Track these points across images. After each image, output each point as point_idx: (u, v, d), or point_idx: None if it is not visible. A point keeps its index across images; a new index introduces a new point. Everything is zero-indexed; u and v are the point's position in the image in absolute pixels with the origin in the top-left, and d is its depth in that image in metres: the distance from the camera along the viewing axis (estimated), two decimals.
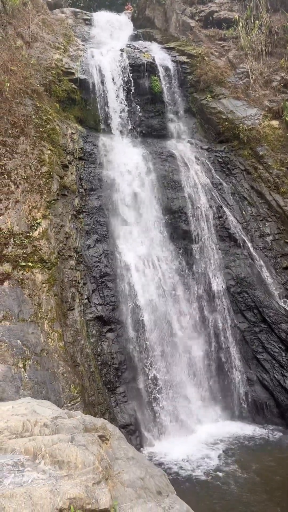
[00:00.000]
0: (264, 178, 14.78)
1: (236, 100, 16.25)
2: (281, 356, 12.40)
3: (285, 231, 14.10)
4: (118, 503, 4.36)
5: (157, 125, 16.23)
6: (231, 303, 13.50)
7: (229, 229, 14.31)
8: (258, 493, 8.65)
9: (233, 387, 12.72)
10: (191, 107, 16.82)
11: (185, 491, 8.54)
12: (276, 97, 16.16)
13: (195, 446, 10.87)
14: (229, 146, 15.81)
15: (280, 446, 10.80)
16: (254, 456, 10.25)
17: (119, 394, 11.27)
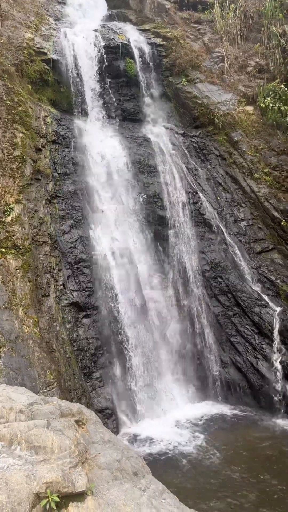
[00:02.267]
0: (239, 164, 14.89)
1: (211, 84, 16.19)
2: (254, 339, 12.72)
3: (259, 216, 14.32)
4: (95, 485, 4.43)
5: (133, 109, 16.03)
6: (206, 288, 13.69)
7: (204, 214, 14.42)
8: (229, 470, 8.94)
9: (208, 370, 13.00)
10: (166, 91, 16.66)
11: (160, 471, 8.73)
12: (251, 83, 16.19)
13: (171, 427, 11.10)
14: (204, 131, 15.81)
15: (252, 425, 11.16)
16: (227, 436, 10.56)
17: (96, 379, 11.34)
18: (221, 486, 8.36)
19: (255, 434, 10.59)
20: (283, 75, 15.81)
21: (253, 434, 10.62)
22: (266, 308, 12.80)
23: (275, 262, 13.55)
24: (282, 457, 9.43)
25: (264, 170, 14.52)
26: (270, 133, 15.25)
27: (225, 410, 12.13)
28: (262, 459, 9.37)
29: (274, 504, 7.73)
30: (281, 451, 9.67)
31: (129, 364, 12.07)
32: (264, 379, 12.13)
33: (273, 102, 15.03)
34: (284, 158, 14.63)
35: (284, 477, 8.61)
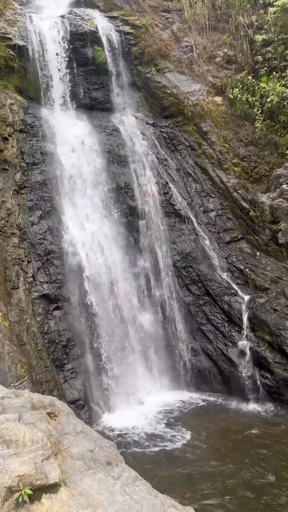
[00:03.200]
0: (208, 154, 15.01)
1: (180, 74, 16.18)
2: (224, 327, 12.97)
3: (228, 207, 14.52)
4: (68, 476, 4.43)
5: (102, 97, 15.81)
6: (177, 278, 13.82)
7: (175, 205, 14.49)
8: (200, 455, 9.15)
9: (179, 358, 13.18)
10: (136, 80, 16.52)
11: (134, 459, 8.84)
12: (220, 73, 16.28)
13: (143, 416, 11.23)
14: (174, 121, 15.82)
15: (223, 411, 11.44)
16: (199, 422, 10.78)
17: (68, 370, 11.29)
18: (194, 471, 8.55)
19: (226, 419, 10.86)
20: (250, 66, 15.98)
21: (225, 419, 10.89)
22: (235, 297, 13.06)
23: (244, 252, 13.82)
24: (251, 440, 9.72)
25: (233, 160, 14.70)
26: (238, 124, 15.43)
27: (197, 397, 12.37)
28: (234, 443, 9.63)
29: (247, 487, 7.98)
30: (250, 434, 9.96)
31: (101, 354, 12.08)
32: (234, 366, 12.43)
33: (241, 93, 15.20)
34: (252, 149, 14.86)
35: (253, 459, 8.89)
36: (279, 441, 9.56)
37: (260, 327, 12.33)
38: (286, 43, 15.16)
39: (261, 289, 12.98)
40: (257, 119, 14.80)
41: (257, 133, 14.77)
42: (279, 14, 15.32)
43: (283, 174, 13.52)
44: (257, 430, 10.12)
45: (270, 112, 14.71)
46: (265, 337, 12.18)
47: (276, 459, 8.82)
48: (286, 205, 13.14)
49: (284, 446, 9.35)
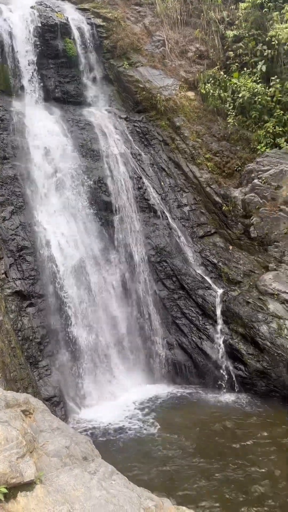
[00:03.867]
0: (181, 149, 15.08)
1: (153, 69, 16.15)
2: (198, 320, 13.13)
3: (201, 201, 14.66)
4: (43, 473, 4.40)
5: (74, 91, 15.60)
6: (151, 272, 13.87)
7: (149, 200, 14.51)
8: (175, 447, 9.26)
9: (155, 352, 13.27)
10: (108, 74, 16.39)
11: (110, 454, 8.86)
12: (192, 68, 16.35)
13: (119, 410, 11.25)
14: (147, 116, 15.79)
15: (198, 403, 11.60)
16: (175, 415, 10.90)
17: (42, 367, 11.18)
18: (168, 464, 8.65)
19: (201, 411, 11.02)
20: (222, 61, 16.13)
21: (199, 411, 11.05)
22: (209, 290, 13.23)
23: (217, 246, 14.00)
24: (226, 430, 9.91)
25: (206, 155, 14.83)
26: (211, 119, 15.57)
27: (173, 390, 12.49)
28: (207, 434, 9.79)
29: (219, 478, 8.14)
30: (225, 425, 10.15)
31: (76, 350, 12.01)
32: (209, 358, 12.61)
33: (213, 88, 15.32)
34: (224, 144, 15.03)
35: (226, 450, 9.07)
36: (251, 431, 9.79)
37: (234, 320, 12.55)
38: (257, 39, 15.37)
39: (234, 283, 13.20)
40: (229, 114, 14.97)
41: (229, 128, 14.95)
42: (250, 10, 15.51)
43: (255, 169, 13.74)
44: (230, 421, 10.32)
45: (241, 108, 14.91)
46: (238, 330, 12.41)
47: (248, 449, 9.03)
48: (258, 200, 13.37)
49: (256, 436, 9.58)
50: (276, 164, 13.44)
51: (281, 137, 14.13)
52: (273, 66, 15.08)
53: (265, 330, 11.81)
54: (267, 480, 7.86)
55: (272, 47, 14.78)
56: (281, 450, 8.90)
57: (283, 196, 13.03)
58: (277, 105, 14.46)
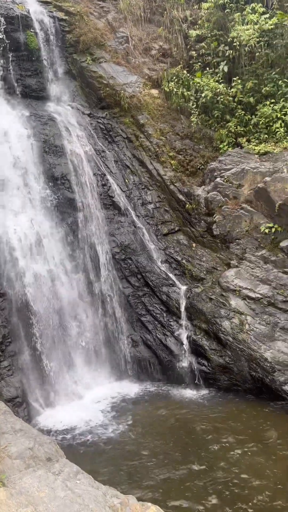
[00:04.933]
0: (145, 147, 15.11)
1: (116, 65, 16.05)
2: (163, 317, 13.24)
3: (165, 199, 14.76)
4: (6, 476, 4.31)
5: (36, 85, 15.25)
6: (116, 270, 13.84)
7: (113, 197, 14.45)
8: (141, 445, 9.32)
9: (120, 350, 13.27)
10: (71, 69, 16.14)
11: (75, 453, 8.79)
12: (155, 66, 16.39)
13: (84, 409, 11.18)
14: (111, 112, 15.69)
15: (163, 399, 11.72)
16: (140, 412, 10.96)
17: (4, 368, 10.91)
18: (135, 460, 8.69)
19: (165, 407, 11.14)
20: (185, 60, 16.27)
21: (163, 407, 11.16)
22: (173, 287, 13.37)
23: (181, 243, 14.16)
24: (189, 425, 10.07)
25: (170, 153, 14.93)
26: (174, 117, 15.68)
27: (138, 387, 12.54)
28: (171, 430, 9.91)
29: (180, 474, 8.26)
30: (188, 420, 10.31)
31: (39, 350, 11.81)
32: (173, 355, 12.75)
33: (177, 87, 15.43)
34: (187, 142, 15.19)
35: (189, 444, 9.22)
36: (214, 425, 9.99)
37: (197, 316, 12.75)
38: (219, 39, 15.60)
39: (197, 279, 13.40)
40: (192, 113, 15.13)
41: (193, 127, 15.12)
42: (212, 10, 15.71)
43: (217, 167, 13.98)
44: (194, 416, 10.50)
45: (204, 107, 15.12)
46: (201, 326, 12.62)
47: (211, 443, 9.22)
48: (220, 198, 13.63)
49: (218, 429, 9.79)
50: (238, 163, 13.74)
51: (242, 136, 14.44)
52: (234, 67, 15.38)
53: (227, 326, 12.07)
54: (230, 472, 8.05)
55: (233, 48, 15.05)
56: (241, 442, 9.14)
57: (244, 195, 13.34)
58: (239, 105, 14.76)
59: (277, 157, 13.20)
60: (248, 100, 14.52)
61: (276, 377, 11.12)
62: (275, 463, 8.31)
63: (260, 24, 14.79)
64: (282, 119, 13.74)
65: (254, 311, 12.15)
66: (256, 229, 12.95)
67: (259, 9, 15.08)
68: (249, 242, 13.03)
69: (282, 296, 12.01)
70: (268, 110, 13.93)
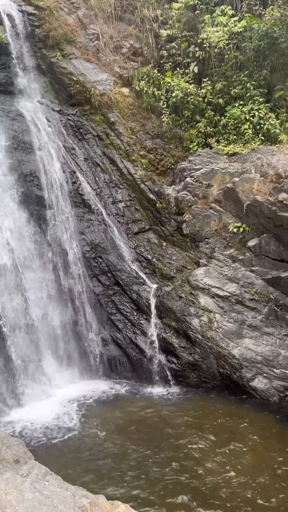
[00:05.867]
0: (116, 145, 15.07)
1: (87, 62, 15.92)
2: (133, 316, 13.29)
3: (136, 198, 14.79)
4: None
5: (4, 80, 14.92)
6: (86, 268, 13.76)
7: (83, 195, 14.34)
8: (110, 444, 9.33)
9: (89, 348, 13.21)
10: (40, 64, 15.88)
11: (44, 454, 8.71)
12: (126, 64, 16.37)
13: (53, 409, 11.07)
14: (81, 109, 15.55)
15: (133, 398, 11.76)
16: (109, 411, 10.96)
17: None
18: (105, 459, 8.69)
19: (134, 405, 11.19)
20: (156, 60, 16.32)
21: (133, 405, 11.21)
22: (143, 286, 13.43)
23: (151, 242, 14.23)
24: (158, 422, 10.16)
25: (140, 152, 14.96)
26: (145, 116, 15.72)
27: (108, 386, 12.53)
28: (140, 427, 9.97)
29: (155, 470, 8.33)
30: (157, 417, 10.40)
31: (7, 349, 11.60)
32: (143, 353, 12.82)
33: (148, 86, 15.47)
34: (158, 141, 15.26)
35: (158, 441, 9.31)
36: (182, 422, 10.13)
37: (167, 314, 12.86)
38: (189, 40, 15.75)
39: (167, 278, 13.52)
40: (163, 112, 15.21)
41: (163, 126, 15.20)
42: (183, 10, 15.84)
43: (187, 167, 14.13)
44: (163, 413, 10.61)
45: (175, 107, 15.22)
46: (171, 324, 12.74)
47: (179, 438, 9.34)
48: (190, 198, 13.78)
49: (187, 425, 9.93)
50: (207, 163, 13.93)
51: (212, 137, 14.65)
52: (204, 68, 15.56)
53: (197, 324, 12.25)
54: (199, 467, 8.19)
55: (203, 50, 15.23)
56: (210, 437, 9.31)
57: (213, 195, 13.55)
58: (208, 106, 14.96)
59: (245, 158, 13.47)
60: (218, 101, 14.74)
61: (244, 374, 11.38)
62: (243, 456, 8.51)
63: (229, 26, 15.04)
64: (250, 121, 14.02)
65: (222, 309, 12.38)
66: (224, 228, 13.18)
67: (228, 12, 15.32)
68: (218, 241, 13.25)
69: (249, 294, 12.30)
70: (237, 111, 14.18)
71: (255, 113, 13.95)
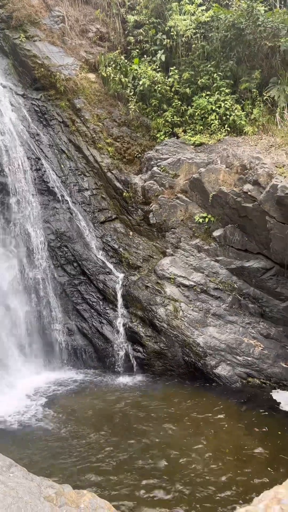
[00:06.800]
0: (82, 132, 14.80)
1: (52, 45, 15.46)
2: (99, 305, 13.22)
3: (102, 186, 14.62)
4: None
5: None
6: (51, 258, 13.53)
7: (48, 182, 14.03)
8: (76, 434, 9.31)
9: (55, 339, 13.06)
10: (3, 45, 15.28)
11: (8, 446, 8.57)
12: (93, 49, 16.03)
13: (17, 400, 10.89)
14: (46, 94, 15.13)
15: (98, 387, 11.76)
16: (75, 400, 10.90)
17: None
18: (71, 449, 8.66)
19: (101, 395, 11.19)
20: (123, 46, 16.09)
21: (100, 394, 11.21)
22: (110, 275, 13.37)
23: (118, 231, 14.15)
24: (124, 410, 10.22)
25: (107, 140, 14.77)
26: (112, 103, 15.49)
27: (73, 376, 12.46)
28: (108, 417, 10.00)
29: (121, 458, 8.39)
30: (123, 405, 10.46)
31: None
32: (109, 342, 12.81)
33: (114, 72, 15.23)
34: (125, 129, 15.11)
35: (124, 428, 9.38)
36: (148, 410, 10.24)
37: (133, 304, 12.89)
38: (157, 27, 15.60)
39: (134, 267, 13.52)
40: (130, 100, 15.04)
41: (130, 114, 15.05)
42: None
43: (154, 156, 14.09)
44: (128, 401, 10.67)
45: (142, 95, 15.09)
46: (137, 313, 12.79)
47: (144, 424, 9.45)
48: (157, 187, 13.78)
49: (152, 413, 10.06)
50: (174, 153, 13.95)
51: (179, 127, 14.65)
52: (172, 57, 15.49)
53: (162, 313, 12.35)
54: (164, 452, 8.32)
55: (171, 38, 15.14)
56: (174, 424, 9.47)
57: (180, 185, 13.60)
58: (175, 95, 14.93)
59: (211, 148, 13.59)
60: (185, 90, 14.74)
61: (208, 361, 11.61)
62: (206, 440, 8.72)
63: (196, 15, 15.00)
64: (216, 111, 14.13)
65: (188, 298, 12.53)
66: (190, 218, 13.30)
67: (196, 0, 15.26)
68: (184, 232, 13.35)
69: (214, 284, 12.51)
70: (203, 102, 14.24)
71: (221, 104, 14.06)
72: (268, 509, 2.95)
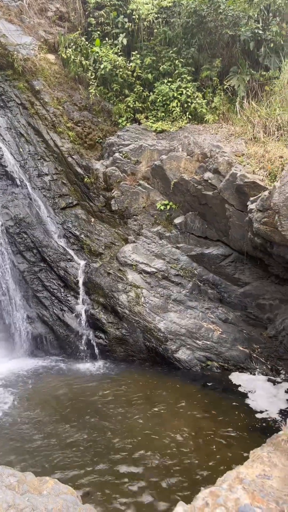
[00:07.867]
0: (41, 115, 14.40)
1: (9, 23, 14.84)
2: (60, 292, 13.09)
3: (63, 172, 14.35)
4: None
5: None
6: (10, 244, 13.20)
7: (6, 166, 13.59)
8: (36, 422, 9.28)
9: (15, 327, 12.84)
10: None
11: None
12: (52, 29, 15.54)
13: None
14: (2, 74, 14.54)
15: (59, 374, 11.72)
16: (34, 389, 10.82)
17: None
18: (32, 437, 8.63)
19: (62, 382, 11.17)
20: (84, 27, 15.70)
21: (61, 382, 11.18)
22: (71, 262, 13.24)
23: (79, 218, 13.99)
24: (85, 396, 10.28)
25: (67, 124, 14.46)
26: (72, 86, 15.15)
27: (34, 364, 12.34)
28: (69, 403, 10.02)
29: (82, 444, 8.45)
30: (84, 391, 10.51)
31: None
32: (70, 329, 12.75)
33: (75, 54, 14.87)
34: (86, 114, 14.85)
35: (85, 413, 9.45)
36: (109, 395, 10.35)
37: (95, 291, 12.86)
38: (118, 10, 15.31)
39: (95, 254, 13.45)
40: (91, 84, 14.76)
41: (91, 98, 14.79)
42: None
43: (116, 142, 13.96)
44: (90, 387, 10.73)
45: (103, 79, 14.84)
46: (99, 300, 12.78)
47: (105, 409, 9.57)
48: (119, 174, 13.69)
49: (112, 397, 10.18)
50: (136, 139, 13.87)
51: (140, 113, 14.57)
52: (134, 41, 15.28)
53: (124, 299, 12.42)
54: (125, 438, 8.47)
55: (133, 21, 14.91)
56: (135, 408, 9.64)
57: (142, 172, 13.58)
58: (137, 80, 14.79)
59: (173, 135, 13.63)
60: (147, 76, 14.63)
61: (169, 346, 11.84)
62: (167, 422, 8.95)
63: (158, 0, 14.83)
64: (178, 98, 14.14)
65: (149, 284, 12.66)
66: (152, 205, 13.35)
67: None
68: (145, 218, 13.39)
69: (175, 270, 12.69)
70: (165, 88, 14.20)
71: (183, 91, 14.09)
72: (231, 489, 3.10)
